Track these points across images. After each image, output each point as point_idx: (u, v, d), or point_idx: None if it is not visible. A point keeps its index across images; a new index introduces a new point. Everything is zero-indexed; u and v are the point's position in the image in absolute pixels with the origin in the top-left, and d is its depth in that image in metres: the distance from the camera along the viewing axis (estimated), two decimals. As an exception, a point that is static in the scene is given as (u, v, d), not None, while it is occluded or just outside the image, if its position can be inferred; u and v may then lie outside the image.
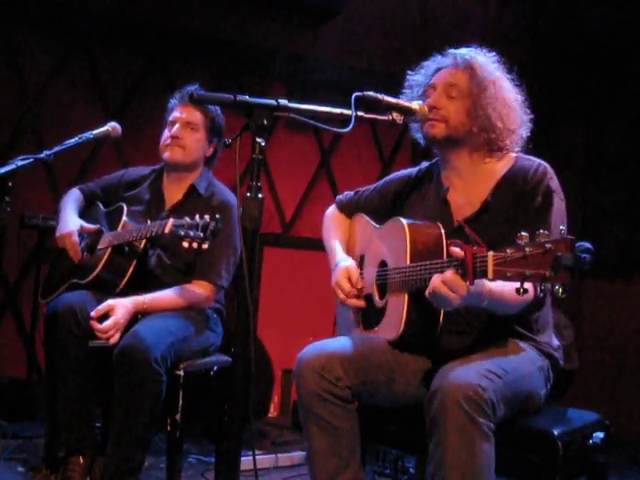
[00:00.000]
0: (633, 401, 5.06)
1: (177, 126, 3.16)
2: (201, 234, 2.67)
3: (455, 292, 2.01)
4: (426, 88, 2.50)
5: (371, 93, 2.21)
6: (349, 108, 2.10)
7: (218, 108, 3.22)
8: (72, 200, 3.34)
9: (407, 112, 2.34)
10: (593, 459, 2.34)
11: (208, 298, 3.11)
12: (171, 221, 2.77)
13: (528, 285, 1.84)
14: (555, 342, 2.49)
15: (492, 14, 5.46)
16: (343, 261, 2.62)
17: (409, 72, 2.60)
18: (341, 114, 2.10)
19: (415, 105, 2.35)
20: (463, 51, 2.50)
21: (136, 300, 2.95)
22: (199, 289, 3.08)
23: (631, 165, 5.44)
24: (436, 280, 2.05)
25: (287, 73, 5.22)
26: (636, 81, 5.30)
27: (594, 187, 5.66)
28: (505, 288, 2.11)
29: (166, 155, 3.19)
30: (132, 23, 4.77)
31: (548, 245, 1.78)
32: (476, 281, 1.98)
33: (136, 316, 2.96)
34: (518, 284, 1.91)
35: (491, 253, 1.89)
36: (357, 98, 2.14)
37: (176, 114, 3.19)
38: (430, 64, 2.56)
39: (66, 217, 3.23)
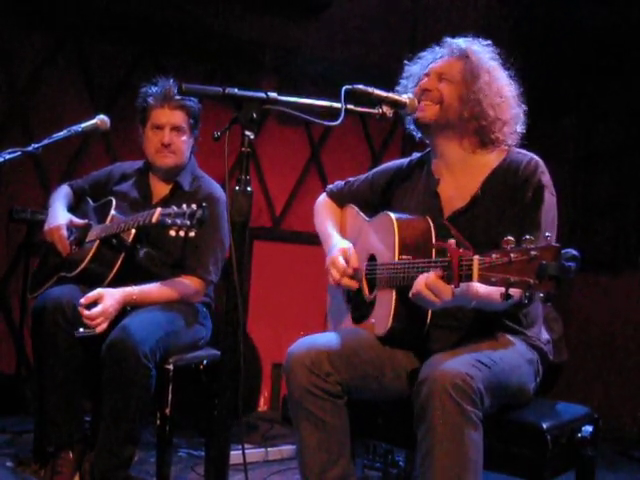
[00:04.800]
0: (622, 394, 5.08)
1: (166, 132, 3.13)
2: (188, 222, 2.67)
3: (438, 296, 2.03)
4: (421, 77, 2.49)
5: (361, 86, 2.20)
6: (339, 101, 2.09)
7: (196, 100, 3.20)
8: (61, 196, 3.34)
9: (397, 105, 2.33)
10: (582, 452, 2.35)
11: (198, 293, 3.11)
12: (158, 210, 2.77)
13: (513, 291, 1.83)
14: (544, 336, 2.49)
15: (484, 9, 5.45)
16: (340, 242, 2.60)
17: (406, 62, 2.59)
18: (331, 107, 2.09)
19: (405, 98, 2.35)
20: (459, 40, 2.50)
21: (125, 291, 2.94)
22: (189, 283, 3.08)
23: (621, 159, 5.45)
24: (420, 283, 2.06)
25: (277, 66, 5.21)
26: (627, 76, 5.31)
27: (584, 181, 5.67)
28: (492, 289, 2.11)
29: (158, 162, 3.18)
30: (122, 16, 4.73)
31: (534, 252, 1.76)
32: (462, 284, 1.98)
33: (125, 308, 2.95)
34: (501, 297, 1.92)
35: (476, 257, 1.88)
36: (347, 91, 2.13)
37: (162, 119, 3.13)
38: (427, 54, 2.55)
39: (55, 211, 3.22)
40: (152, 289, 3.01)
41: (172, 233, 2.69)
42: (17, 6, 4.49)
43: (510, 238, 1.83)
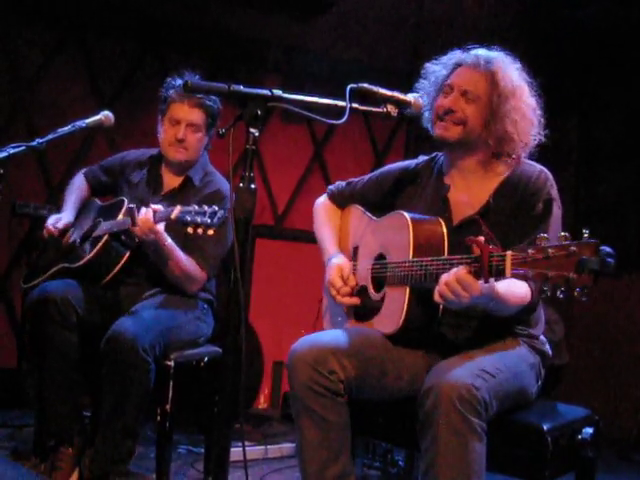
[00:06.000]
0: (623, 397, 5.08)
1: (182, 128, 3.14)
2: (209, 220, 2.66)
3: (467, 290, 2.01)
4: (443, 85, 2.46)
5: (366, 85, 2.20)
6: (344, 100, 2.09)
7: (217, 100, 3.21)
8: (74, 192, 3.37)
9: (402, 105, 2.32)
10: (582, 454, 2.35)
11: (199, 281, 3.11)
12: (178, 207, 2.76)
13: (525, 283, 1.84)
14: (543, 338, 2.50)
15: (487, 8, 5.45)
16: (335, 258, 2.61)
17: (427, 64, 2.55)
18: (335, 105, 2.09)
19: (410, 97, 2.34)
20: (487, 53, 2.44)
21: (165, 234, 2.91)
22: (198, 268, 3.08)
23: (623, 162, 5.45)
24: (449, 278, 2.04)
25: (282, 64, 5.21)
26: (630, 77, 5.31)
27: (586, 183, 5.67)
28: (508, 291, 2.13)
29: (170, 155, 3.20)
30: (126, 12, 4.74)
31: (573, 248, 1.78)
32: (491, 279, 1.99)
33: (121, 306, 3.00)
34: (522, 289, 1.90)
35: (509, 252, 1.89)
36: (352, 90, 2.13)
37: (180, 113, 3.15)
38: (449, 58, 2.51)
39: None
40: (178, 250, 2.98)
41: (190, 230, 2.69)
42: (21, 2, 4.50)
43: (545, 235, 1.85)
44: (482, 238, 1.99)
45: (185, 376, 2.95)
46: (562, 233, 1.83)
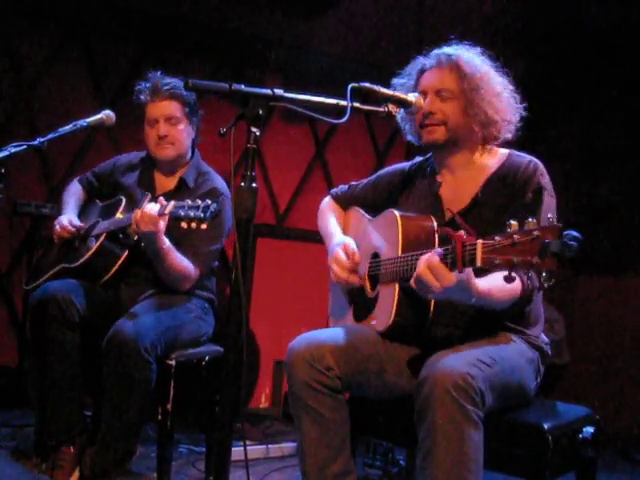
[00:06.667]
0: (624, 396, 5.08)
1: (161, 124, 3.15)
2: (201, 214, 2.67)
3: (439, 280, 2.00)
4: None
5: (367, 84, 2.20)
6: (345, 99, 2.09)
7: None
8: (72, 197, 3.39)
9: (403, 104, 2.33)
10: (583, 454, 2.35)
11: (191, 279, 3.10)
12: (172, 203, 2.77)
13: (515, 274, 1.84)
14: (543, 337, 2.50)
15: (488, 8, 5.45)
16: (341, 238, 2.62)
17: (393, 79, 2.57)
18: (337, 105, 2.09)
19: (411, 97, 2.35)
20: (446, 50, 2.48)
21: (163, 237, 2.91)
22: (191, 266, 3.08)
23: (625, 161, 5.45)
24: (421, 265, 2.03)
25: (283, 64, 5.21)
26: (630, 77, 5.31)
27: (588, 183, 5.66)
28: (492, 286, 2.11)
29: (158, 155, 3.21)
30: (127, 11, 4.74)
31: (536, 232, 1.77)
32: (463, 274, 1.98)
33: (122, 306, 3.01)
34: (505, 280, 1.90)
35: (480, 241, 1.88)
36: (353, 89, 2.13)
37: (155, 112, 3.16)
38: (412, 67, 2.55)
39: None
40: (175, 252, 2.98)
41: (183, 225, 2.70)
42: (23, 3, 4.50)
43: (513, 222, 1.83)
44: (461, 231, 1.98)
45: (186, 375, 2.96)
46: (530, 219, 1.82)
